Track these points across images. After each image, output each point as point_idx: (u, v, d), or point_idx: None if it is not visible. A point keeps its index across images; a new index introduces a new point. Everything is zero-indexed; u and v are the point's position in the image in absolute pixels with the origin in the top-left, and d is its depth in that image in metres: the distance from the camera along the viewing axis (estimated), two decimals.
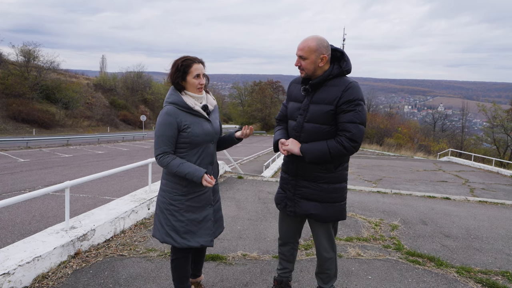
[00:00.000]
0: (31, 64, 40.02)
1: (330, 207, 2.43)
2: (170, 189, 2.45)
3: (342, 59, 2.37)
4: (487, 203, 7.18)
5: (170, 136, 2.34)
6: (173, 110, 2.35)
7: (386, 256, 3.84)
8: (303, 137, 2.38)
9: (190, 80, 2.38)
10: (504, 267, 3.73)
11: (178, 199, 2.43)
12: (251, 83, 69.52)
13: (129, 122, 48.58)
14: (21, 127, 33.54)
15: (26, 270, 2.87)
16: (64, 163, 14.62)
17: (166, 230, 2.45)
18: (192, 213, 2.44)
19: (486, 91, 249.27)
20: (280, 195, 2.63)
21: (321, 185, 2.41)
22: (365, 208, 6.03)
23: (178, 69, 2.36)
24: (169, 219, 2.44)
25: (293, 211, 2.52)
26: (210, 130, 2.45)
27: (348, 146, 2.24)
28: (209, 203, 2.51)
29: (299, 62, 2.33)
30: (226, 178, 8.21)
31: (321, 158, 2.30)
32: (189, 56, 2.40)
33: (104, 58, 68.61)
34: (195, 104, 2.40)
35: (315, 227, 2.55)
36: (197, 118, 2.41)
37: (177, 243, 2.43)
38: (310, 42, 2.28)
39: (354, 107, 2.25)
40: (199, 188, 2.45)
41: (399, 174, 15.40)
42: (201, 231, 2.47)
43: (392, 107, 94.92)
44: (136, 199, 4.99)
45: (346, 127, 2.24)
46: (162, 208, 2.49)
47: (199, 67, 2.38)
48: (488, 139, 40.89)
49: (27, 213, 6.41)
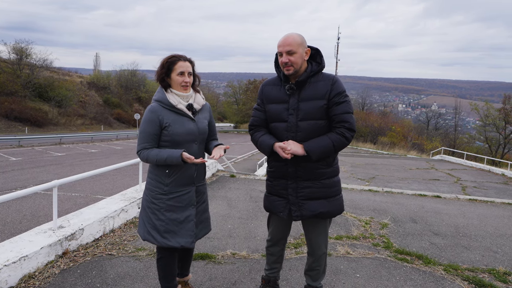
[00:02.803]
0: (24, 62, 39.54)
1: (333, 201, 2.46)
2: (152, 187, 2.45)
3: (317, 55, 2.42)
4: (477, 201, 7.25)
5: (151, 133, 2.35)
6: (156, 108, 2.36)
7: (375, 254, 3.87)
8: (300, 136, 2.35)
9: (174, 77, 2.38)
10: (491, 265, 3.77)
11: (160, 198, 2.42)
12: (246, 82, 69.38)
13: (123, 120, 48.28)
14: (13, 125, 33.19)
15: (12, 270, 2.85)
16: (57, 162, 14.51)
17: (147, 228, 2.46)
18: (173, 212, 2.43)
19: (479, 90, 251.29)
20: (279, 203, 2.50)
21: (323, 181, 2.41)
22: (356, 207, 6.06)
23: (163, 66, 2.38)
24: (150, 217, 2.45)
25: (300, 215, 2.43)
26: (193, 129, 2.43)
27: (349, 136, 2.31)
28: (191, 203, 2.49)
29: (287, 58, 2.29)
30: (218, 177, 8.20)
31: (326, 153, 2.32)
32: (176, 54, 2.41)
33: (98, 56, 67.95)
34: (179, 102, 2.39)
35: (315, 225, 2.51)
36: (180, 117, 2.40)
37: (157, 242, 2.42)
38: (295, 37, 2.31)
39: (344, 98, 2.33)
40: (181, 188, 2.43)
41: (392, 172, 15.49)
42: (182, 231, 2.44)
43: (386, 105, 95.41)
44: (126, 198, 4.97)
45: (344, 118, 2.30)
46: (144, 205, 2.50)
47: (184, 64, 2.38)
48: (481, 137, 41.24)
49: (17, 212, 6.36)
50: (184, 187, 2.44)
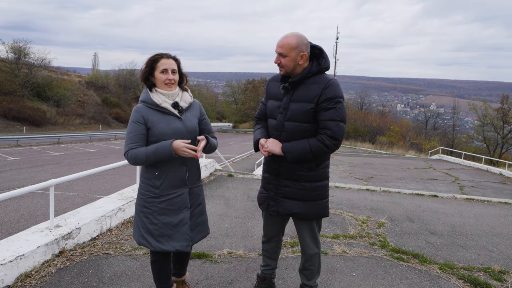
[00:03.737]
0: (22, 61, 39.44)
1: (313, 205, 2.44)
2: (144, 191, 2.41)
3: (320, 56, 2.37)
4: (474, 200, 7.27)
5: (137, 133, 2.31)
6: (140, 108, 2.35)
7: (371, 253, 3.88)
8: (284, 136, 2.37)
9: (157, 75, 2.35)
10: (486, 264, 3.79)
11: (151, 201, 2.37)
12: (245, 81, 69.31)
13: (121, 120, 48.19)
14: (12, 125, 33.11)
15: (9, 269, 2.86)
16: (55, 162, 14.50)
17: (141, 233, 2.41)
18: (166, 216, 2.38)
19: (477, 90, 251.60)
20: (263, 195, 2.61)
21: (303, 184, 2.41)
22: (353, 206, 6.08)
23: (147, 65, 2.37)
24: (144, 222, 2.40)
25: (276, 211, 2.51)
26: (180, 128, 2.37)
27: (330, 144, 2.25)
28: (185, 206, 2.43)
29: (278, 59, 2.32)
30: (216, 176, 8.20)
31: (303, 157, 2.30)
32: (160, 52, 2.39)
33: (96, 55, 67.71)
34: (163, 101, 2.35)
35: (298, 225, 2.56)
36: (165, 116, 2.35)
37: (152, 246, 2.38)
38: (290, 40, 2.27)
39: (334, 105, 2.26)
40: (173, 190, 2.39)
41: (390, 172, 15.52)
42: (177, 235, 2.40)
43: (385, 105, 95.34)
44: (123, 197, 4.98)
45: (327, 125, 2.25)
46: (137, 210, 2.45)
47: (167, 62, 2.34)
48: (479, 137, 41.30)
49: (15, 211, 6.36)
50: (175, 189, 2.40)
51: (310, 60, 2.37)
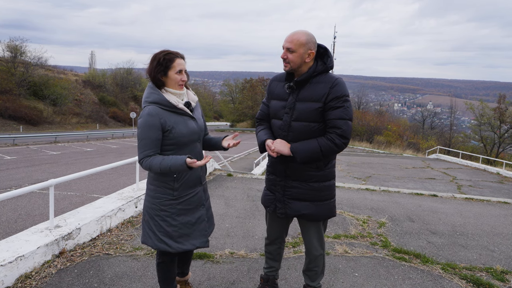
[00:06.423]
0: (18, 59, 39.20)
1: (321, 206, 2.42)
2: (159, 194, 2.33)
3: (325, 55, 2.35)
4: (473, 200, 7.28)
5: (154, 138, 2.19)
6: (155, 110, 2.20)
7: (373, 253, 3.87)
8: (291, 136, 2.34)
9: (172, 75, 2.24)
10: (488, 263, 3.78)
11: (169, 204, 2.32)
12: (242, 80, 69.25)
13: (118, 119, 48.06)
14: (8, 124, 32.92)
15: (8, 270, 2.82)
16: (52, 161, 14.41)
17: (159, 237, 2.34)
18: (185, 216, 2.36)
19: (474, 90, 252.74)
20: (269, 197, 2.57)
21: (311, 184, 2.39)
22: (353, 206, 6.07)
23: (159, 63, 2.21)
24: (161, 225, 2.33)
25: (284, 213, 2.47)
26: (195, 128, 2.35)
27: (339, 143, 2.24)
28: (201, 203, 2.43)
29: (285, 54, 2.28)
30: (215, 176, 8.18)
31: (313, 157, 2.27)
32: (170, 50, 2.28)
33: (93, 54, 67.43)
34: (179, 102, 2.28)
35: (305, 226, 2.53)
36: (182, 117, 2.29)
37: (172, 248, 2.33)
38: (300, 36, 2.25)
39: (342, 103, 2.24)
40: (190, 190, 2.37)
41: (388, 171, 15.54)
42: (196, 232, 2.39)
43: (382, 105, 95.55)
44: (123, 197, 4.94)
45: (336, 123, 2.23)
46: (152, 214, 2.36)
47: (181, 62, 2.27)
48: (476, 136, 41.50)
49: (13, 211, 6.31)
50: (192, 188, 2.38)
51: (315, 59, 2.35)
